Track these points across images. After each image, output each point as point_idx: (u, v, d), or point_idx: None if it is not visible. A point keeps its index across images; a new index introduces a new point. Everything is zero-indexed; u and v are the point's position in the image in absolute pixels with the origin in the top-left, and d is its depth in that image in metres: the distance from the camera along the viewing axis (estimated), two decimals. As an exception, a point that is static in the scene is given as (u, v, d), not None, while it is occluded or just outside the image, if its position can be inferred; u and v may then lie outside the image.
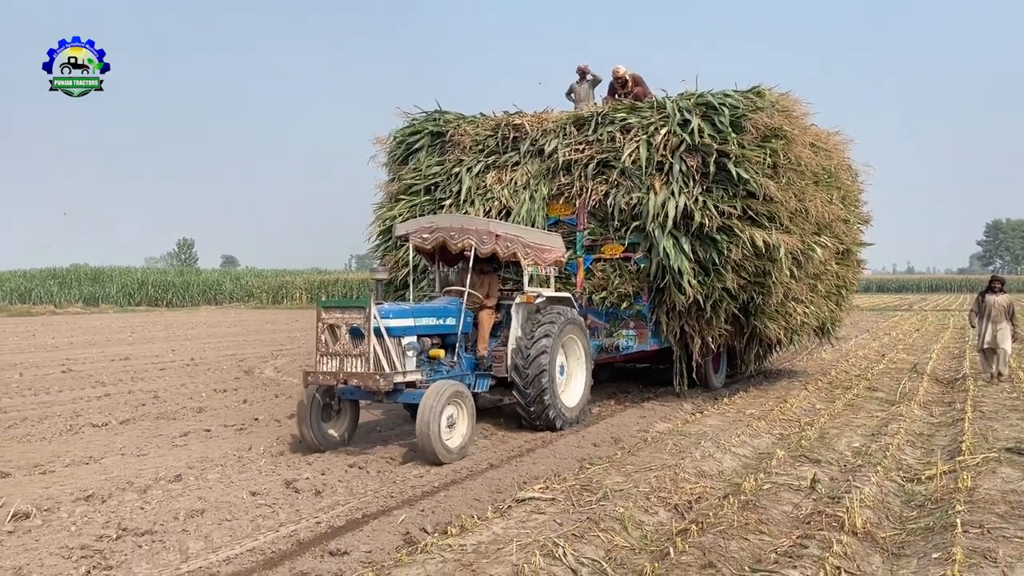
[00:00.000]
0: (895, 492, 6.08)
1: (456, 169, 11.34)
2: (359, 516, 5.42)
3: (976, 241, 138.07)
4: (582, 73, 12.43)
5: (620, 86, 11.67)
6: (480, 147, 11.43)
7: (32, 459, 7.08)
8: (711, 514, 5.21)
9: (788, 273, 9.80)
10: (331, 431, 7.53)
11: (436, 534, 4.96)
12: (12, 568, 4.37)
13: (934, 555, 4.55)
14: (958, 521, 5.00)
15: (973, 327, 12.53)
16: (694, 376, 11.17)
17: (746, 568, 4.36)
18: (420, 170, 11.67)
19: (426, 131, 11.91)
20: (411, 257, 9.20)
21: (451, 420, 7.02)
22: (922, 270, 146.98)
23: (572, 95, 12.48)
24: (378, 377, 6.87)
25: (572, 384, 8.85)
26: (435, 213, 10.85)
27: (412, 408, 7.81)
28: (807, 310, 11.00)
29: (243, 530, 5.10)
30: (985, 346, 11.89)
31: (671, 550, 4.52)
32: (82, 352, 17.71)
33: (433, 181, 11.51)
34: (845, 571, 4.27)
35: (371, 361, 6.93)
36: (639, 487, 5.93)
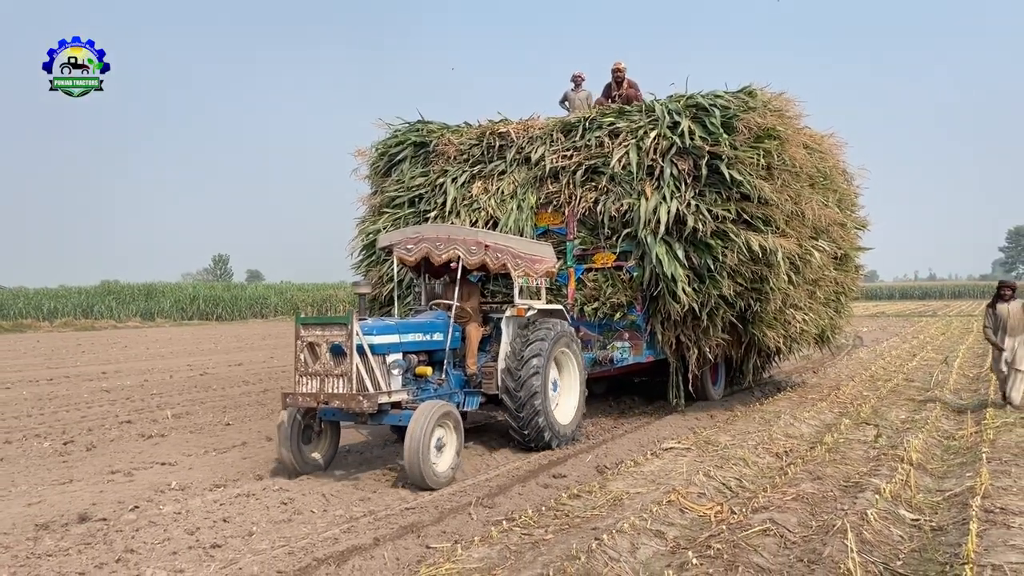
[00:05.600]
0: (936, 445, 8.18)
1: (440, 180, 11.02)
2: (555, 459, 7.63)
3: (998, 247, 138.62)
4: (577, 80, 12.02)
5: (617, 83, 11.52)
6: (465, 156, 11.11)
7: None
8: (807, 455, 7.38)
9: (786, 278, 9.56)
10: (313, 454, 7.16)
11: (618, 467, 7.13)
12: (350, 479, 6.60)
13: (967, 474, 6.66)
14: (984, 457, 7.11)
15: (996, 344, 10.17)
16: (691, 388, 10.50)
17: (842, 481, 6.50)
18: (403, 182, 11.38)
19: (409, 142, 11.61)
20: (396, 271, 8.96)
21: (440, 443, 6.67)
22: (944, 276, 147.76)
23: (566, 103, 12.00)
24: (361, 398, 6.43)
25: (566, 399, 8.53)
26: (420, 225, 10.25)
27: (398, 430, 7.63)
28: (806, 317, 10.75)
29: (480, 465, 7.35)
30: (1007, 363, 10.03)
31: (788, 471, 6.69)
32: (191, 360, 19.89)
33: (417, 193, 11.20)
34: (909, 483, 6.38)
35: (354, 381, 6.51)
36: (746, 442, 8.09)
